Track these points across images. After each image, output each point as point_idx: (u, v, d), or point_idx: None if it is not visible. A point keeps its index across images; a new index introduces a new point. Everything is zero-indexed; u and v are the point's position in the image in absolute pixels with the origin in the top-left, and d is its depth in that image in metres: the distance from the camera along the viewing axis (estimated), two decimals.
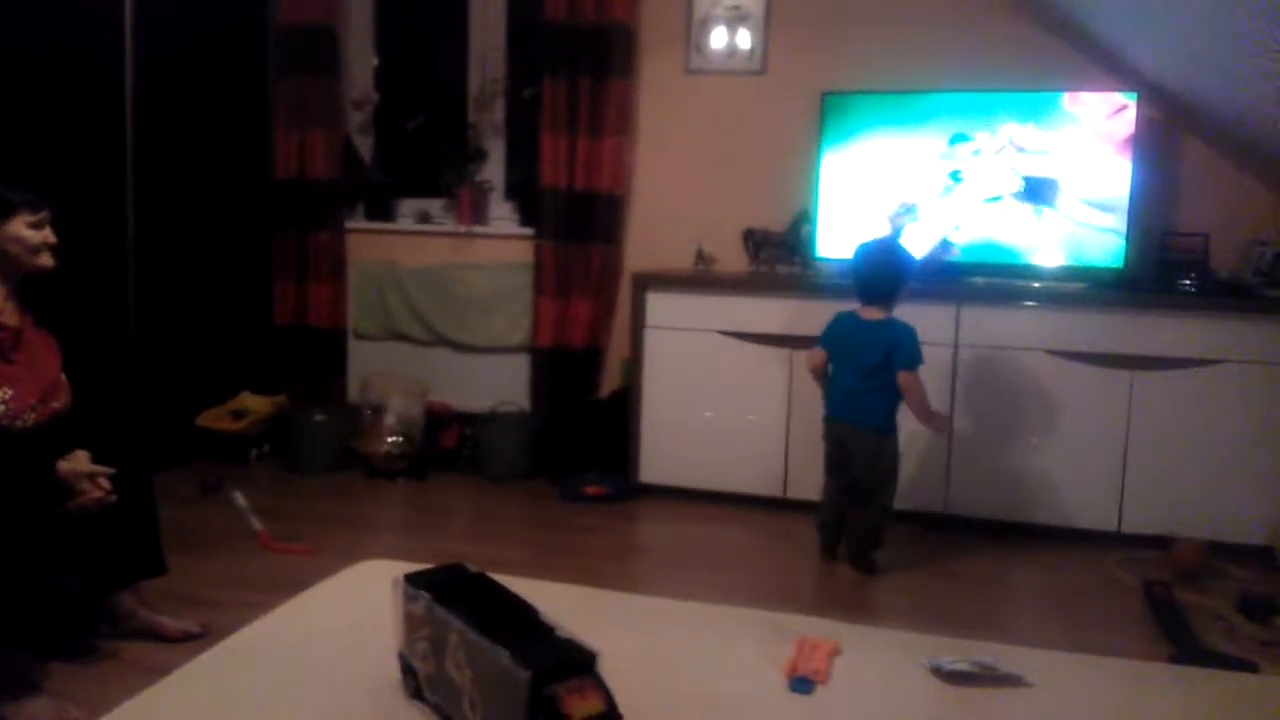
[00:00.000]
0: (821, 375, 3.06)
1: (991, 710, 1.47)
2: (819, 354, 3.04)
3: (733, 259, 3.89)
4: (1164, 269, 3.38)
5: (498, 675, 1.18)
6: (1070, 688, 1.54)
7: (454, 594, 1.35)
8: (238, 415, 4.01)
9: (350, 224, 4.35)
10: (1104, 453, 3.24)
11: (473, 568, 1.46)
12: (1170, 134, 3.59)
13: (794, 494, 3.50)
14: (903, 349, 2.87)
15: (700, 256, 3.86)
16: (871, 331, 2.94)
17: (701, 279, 3.70)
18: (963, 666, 1.59)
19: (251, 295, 4.30)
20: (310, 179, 4.22)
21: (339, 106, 4.26)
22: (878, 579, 2.94)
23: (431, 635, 1.34)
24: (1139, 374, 3.20)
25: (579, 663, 1.18)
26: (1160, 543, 3.11)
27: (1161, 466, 3.20)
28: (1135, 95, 3.36)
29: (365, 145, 4.45)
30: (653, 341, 3.63)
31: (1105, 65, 3.57)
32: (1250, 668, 2.33)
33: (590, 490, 3.62)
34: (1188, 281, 3.27)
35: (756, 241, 3.81)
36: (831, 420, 3.03)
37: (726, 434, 3.56)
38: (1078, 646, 2.49)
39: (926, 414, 2.91)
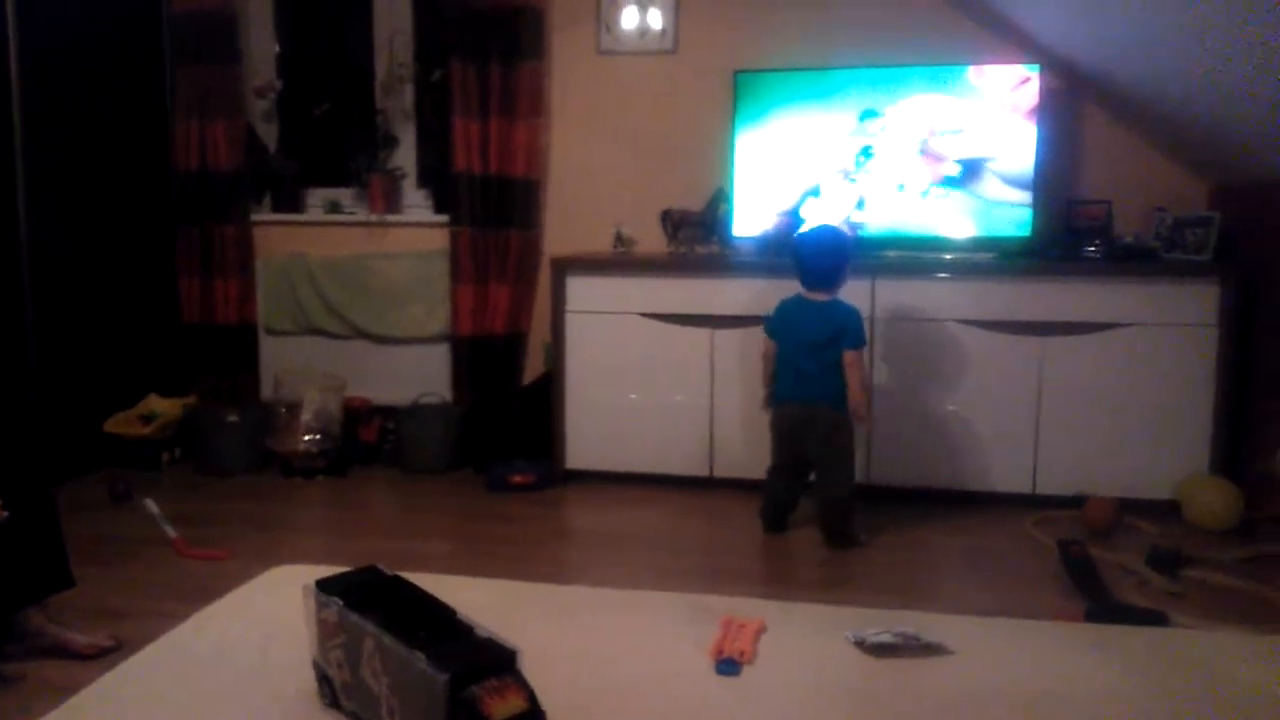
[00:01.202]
0: (769, 365, 3.08)
1: (915, 680, 1.49)
2: (772, 345, 3.07)
3: (652, 240, 3.88)
4: (1070, 236, 3.47)
5: (415, 680, 1.15)
6: (990, 653, 1.57)
7: (368, 599, 1.31)
8: (146, 419, 3.87)
9: (257, 216, 4.22)
10: (1018, 418, 3.32)
11: (387, 570, 1.42)
12: (1072, 104, 3.68)
13: (720, 472, 3.52)
14: (850, 329, 2.94)
15: (619, 239, 3.84)
16: (819, 312, 2.98)
17: (621, 261, 3.68)
18: (886, 638, 1.61)
19: (155, 293, 4.14)
20: (213, 170, 4.08)
21: (240, 94, 4.11)
22: (812, 551, 2.96)
23: (346, 642, 1.30)
24: (1049, 340, 3.28)
25: (498, 662, 1.16)
26: (1073, 502, 3.20)
27: (1072, 429, 3.29)
28: (1038, 67, 3.43)
29: (270, 134, 4.31)
30: (574, 326, 3.60)
31: (1009, 38, 3.63)
32: (1160, 618, 2.41)
33: (517, 479, 3.58)
34: (1093, 248, 3.36)
35: (674, 222, 3.79)
36: (782, 403, 3.04)
37: (651, 416, 3.56)
38: (999, 608, 2.55)
39: (863, 396, 2.95)
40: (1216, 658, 1.51)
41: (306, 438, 3.79)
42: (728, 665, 1.50)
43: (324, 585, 1.37)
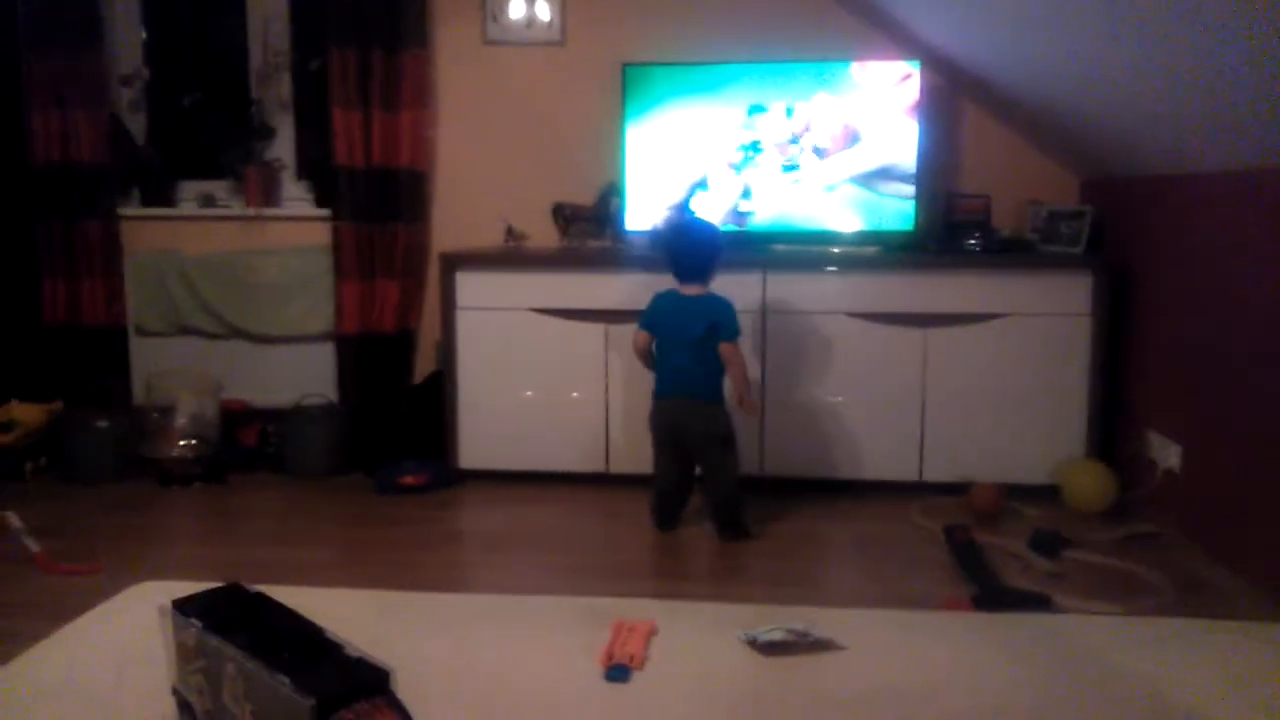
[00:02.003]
0: (648, 357, 3.05)
1: (806, 678, 1.49)
2: (643, 336, 3.04)
3: (543, 234, 3.82)
4: (951, 230, 3.55)
5: (279, 706, 1.08)
6: (880, 646, 1.58)
7: (229, 619, 1.23)
8: (7, 427, 3.63)
9: (124, 211, 4.00)
10: (904, 407, 3.38)
11: (251, 587, 1.34)
12: (951, 100, 3.77)
13: (617, 468, 3.49)
14: (724, 321, 2.94)
15: (510, 233, 3.77)
16: (692, 306, 2.97)
17: (512, 256, 3.61)
18: (777, 636, 1.60)
19: (14, 294, 3.89)
20: (75, 162, 3.85)
21: (104, 83, 3.89)
22: (706, 543, 2.96)
23: (206, 666, 1.22)
24: (932, 331, 3.35)
25: (369, 683, 1.10)
26: (958, 489, 3.28)
27: (956, 417, 3.37)
28: (918, 64, 3.50)
29: (137, 124, 4.10)
30: (465, 322, 3.52)
31: (891, 35, 3.69)
32: (1044, 600, 2.49)
33: (407, 481, 3.48)
34: (973, 241, 3.44)
35: (566, 216, 3.75)
36: (660, 397, 3.02)
37: (546, 413, 3.51)
38: (888, 595, 2.59)
39: (745, 386, 2.95)
40: (1097, 643, 1.55)
41: (182, 443, 3.61)
42: (618, 671, 1.46)
43: (181, 605, 1.28)
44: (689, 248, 3.02)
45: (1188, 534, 2.92)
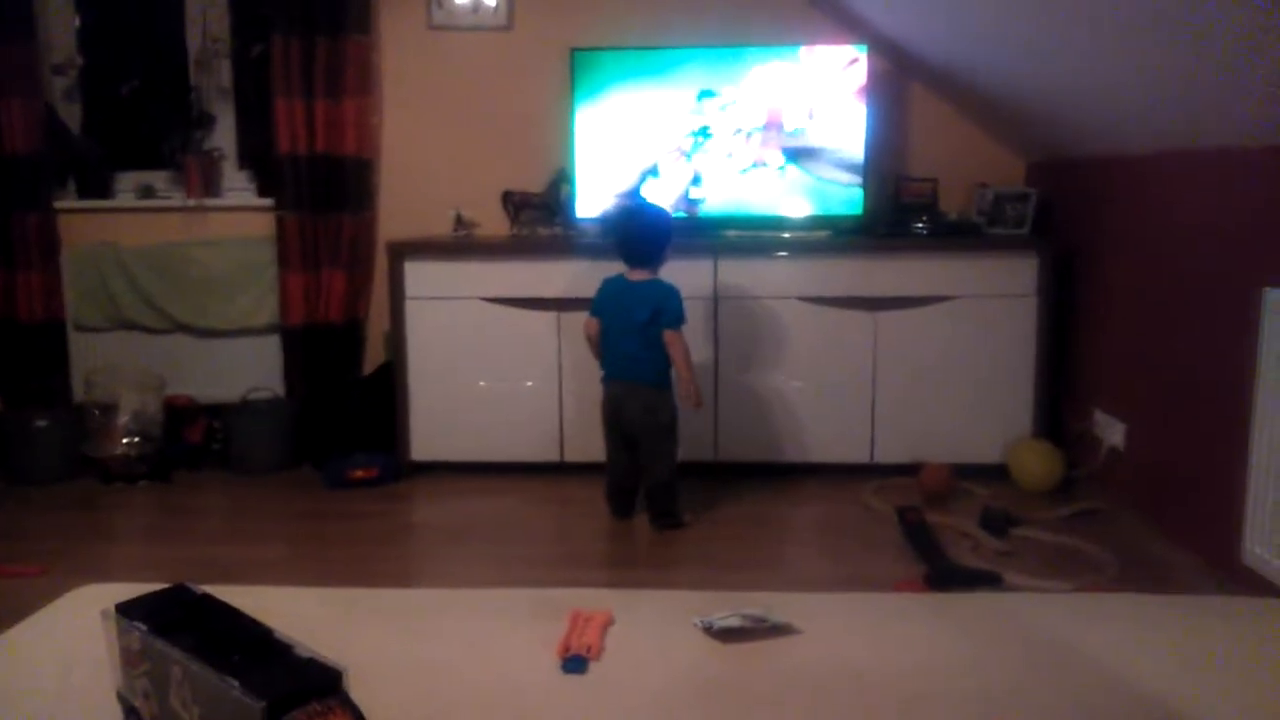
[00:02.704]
0: (596, 344, 3.04)
1: (763, 663, 1.49)
2: (593, 323, 3.03)
3: (493, 223, 3.78)
4: (899, 213, 3.57)
5: (228, 709, 1.06)
6: (836, 629, 1.59)
7: (175, 621, 1.20)
8: None
9: (60, 203, 3.89)
10: (855, 390, 3.41)
11: (197, 588, 1.31)
12: (898, 84, 3.79)
13: (571, 457, 3.48)
14: (668, 308, 2.92)
15: (459, 221, 3.72)
16: (638, 291, 2.96)
17: (461, 245, 3.57)
18: (734, 622, 1.60)
19: None
20: (8, 153, 3.74)
21: (37, 71, 3.77)
22: (661, 533, 2.96)
23: (152, 670, 1.19)
24: (881, 314, 3.38)
25: (321, 684, 1.08)
26: (910, 469, 3.32)
27: (907, 398, 3.40)
28: (865, 48, 3.51)
29: (72, 114, 3.98)
30: (415, 312, 3.47)
31: (838, 19, 3.70)
32: (995, 579, 2.53)
33: (358, 474, 3.43)
34: (920, 224, 3.47)
35: (516, 204, 3.71)
36: (607, 380, 3.02)
37: (499, 403, 3.48)
38: (843, 577, 2.62)
39: (687, 374, 2.93)
40: (1047, 620, 1.57)
41: (125, 441, 3.53)
42: (575, 663, 1.46)
43: (125, 609, 1.24)
44: (637, 233, 3.01)
45: (1133, 510, 2.98)
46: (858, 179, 3.54)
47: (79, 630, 1.52)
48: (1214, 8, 2.01)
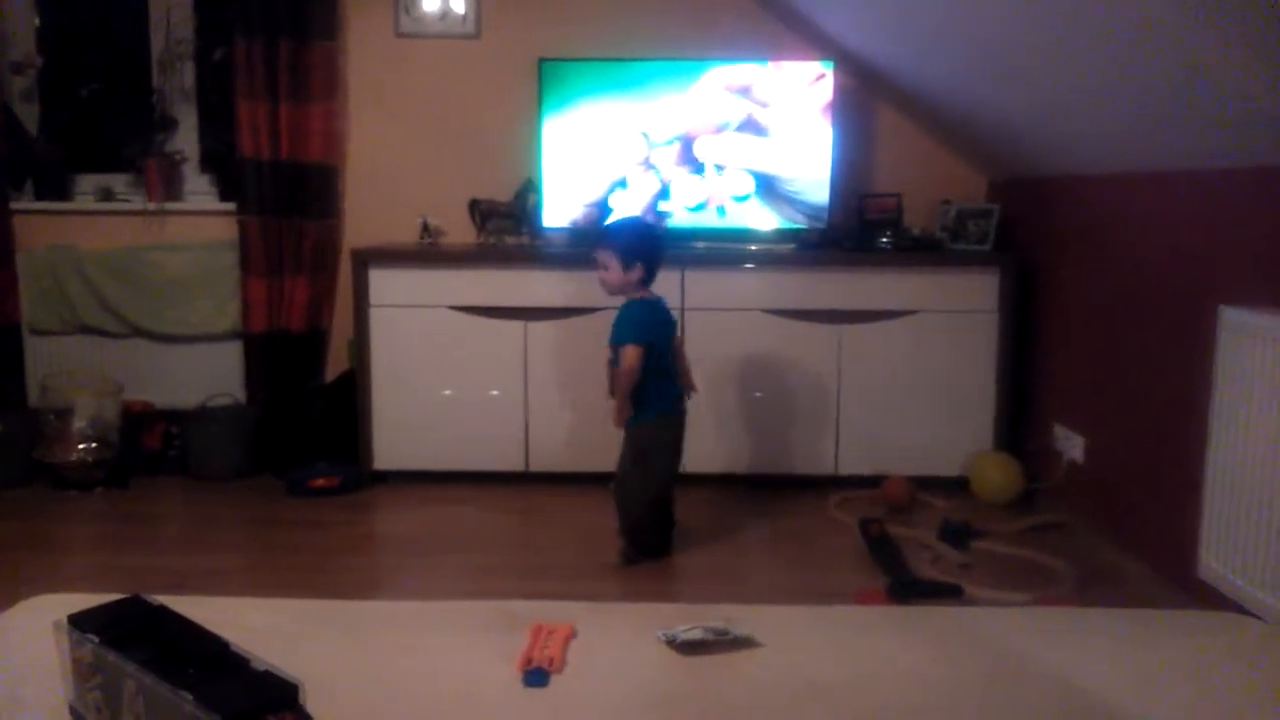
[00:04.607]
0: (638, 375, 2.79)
1: (726, 677, 1.49)
2: (640, 352, 2.75)
3: (460, 231, 3.76)
4: (864, 228, 3.60)
5: None
6: (798, 642, 1.59)
7: (129, 634, 1.18)
8: None
9: (17, 204, 3.82)
10: (819, 403, 3.43)
11: (153, 599, 1.28)
12: (864, 100, 3.83)
13: (536, 466, 3.47)
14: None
15: (425, 229, 3.70)
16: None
17: (428, 253, 3.55)
18: (696, 635, 1.59)
19: None
20: None
21: None
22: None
23: (105, 684, 1.16)
24: (845, 328, 3.40)
25: (277, 698, 1.06)
26: (873, 482, 3.34)
27: (870, 411, 3.43)
28: (832, 64, 3.54)
29: (30, 115, 3.91)
30: (379, 320, 3.44)
31: (806, 35, 3.73)
32: (955, 590, 2.55)
33: (319, 483, 3.39)
34: (885, 239, 3.51)
35: (483, 213, 3.70)
36: (672, 414, 2.89)
37: (464, 412, 3.46)
38: (807, 589, 2.63)
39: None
40: (1007, 633, 1.59)
41: (81, 447, 3.46)
42: (536, 676, 1.44)
43: (78, 620, 1.22)
44: (663, 247, 2.87)
45: (1091, 523, 3.02)
46: (823, 194, 3.56)
47: (30, 642, 1.49)
48: (1168, 35, 2.06)
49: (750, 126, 3.55)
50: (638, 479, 2.81)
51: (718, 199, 3.59)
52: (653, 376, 2.75)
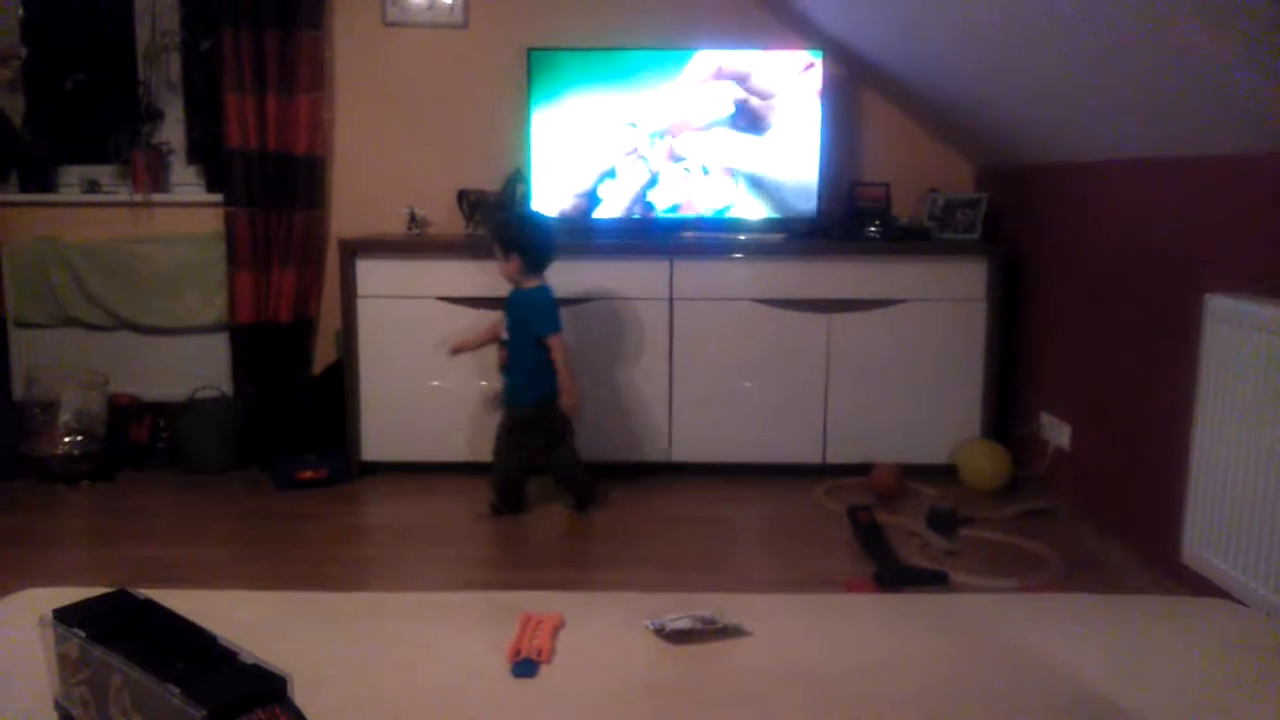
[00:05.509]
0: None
1: (715, 665, 1.49)
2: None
3: (448, 222, 3.75)
4: (852, 217, 3.60)
5: (169, 718, 1.04)
6: (787, 631, 1.59)
7: (115, 628, 1.18)
8: None
9: (2, 196, 3.80)
10: (808, 391, 3.44)
11: (139, 593, 1.28)
12: (853, 89, 3.82)
13: None
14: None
15: (413, 220, 3.69)
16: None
17: (416, 244, 3.54)
18: (685, 624, 1.60)
19: None
20: None
21: None
22: (614, 529, 2.96)
23: (91, 678, 1.16)
24: (835, 316, 3.41)
25: (265, 691, 1.06)
26: (861, 470, 3.35)
27: (858, 400, 3.44)
28: (820, 53, 3.54)
29: (15, 107, 3.88)
30: (367, 311, 3.43)
31: (795, 24, 3.73)
32: (942, 578, 2.56)
33: (307, 475, 3.39)
34: (873, 229, 3.51)
35: (471, 203, 3.68)
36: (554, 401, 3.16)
37: (452, 402, 3.45)
38: (796, 577, 2.64)
39: (568, 377, 3.06)
40: (992, 618, 1.59)
41: (67, 440, 3.45)
42: (525, 666, 1.45)
43: (63, 615, 1.21)
44: (543, 240, 3.09)
45: (1077, 510, 3.04)
46: (812, 183, 3.56)
47: (16, 637, 1.48)
48: (1153, 21, 2.06)
49: (740, 115, 3.54)
50: (512, 449, 3.10)
51: (707, 188, 3.58)
52: (543, 363, 3.04)
